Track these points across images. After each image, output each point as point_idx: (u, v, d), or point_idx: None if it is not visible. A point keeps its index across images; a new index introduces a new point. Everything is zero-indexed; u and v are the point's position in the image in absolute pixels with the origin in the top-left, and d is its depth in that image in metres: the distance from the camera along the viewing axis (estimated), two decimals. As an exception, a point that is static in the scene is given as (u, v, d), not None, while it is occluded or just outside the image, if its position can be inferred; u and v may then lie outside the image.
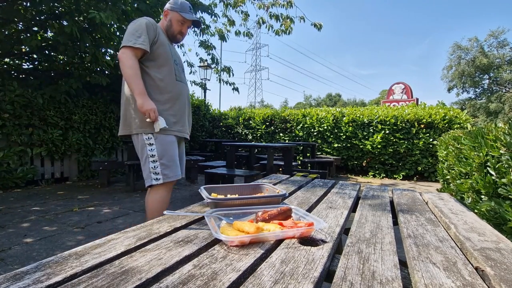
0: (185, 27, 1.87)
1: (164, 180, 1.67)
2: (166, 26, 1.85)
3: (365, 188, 1.64)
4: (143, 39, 1.64)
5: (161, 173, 1.67)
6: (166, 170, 1.68)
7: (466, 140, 1.98)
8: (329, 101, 58.53)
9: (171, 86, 1.77)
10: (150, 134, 1.67)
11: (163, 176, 1.67)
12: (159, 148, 1.67)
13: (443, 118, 5.51)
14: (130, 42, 1.61)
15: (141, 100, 1.59)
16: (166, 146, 1.70)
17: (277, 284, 0.53)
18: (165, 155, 1.69)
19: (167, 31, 1.85)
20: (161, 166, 1.67)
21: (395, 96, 12.43)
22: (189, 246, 0.70)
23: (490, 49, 26.52)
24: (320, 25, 5.28)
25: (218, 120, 8.39)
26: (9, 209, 2.99)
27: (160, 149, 1.68)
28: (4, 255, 1.91)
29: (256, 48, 48.78)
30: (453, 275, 0.60)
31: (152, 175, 1.67)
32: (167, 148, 1.70)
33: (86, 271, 0.57)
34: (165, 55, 1.76)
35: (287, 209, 0.89)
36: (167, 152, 1.70)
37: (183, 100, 1.85)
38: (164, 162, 1.68)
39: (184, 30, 1.88)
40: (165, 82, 1.75)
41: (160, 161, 1.67)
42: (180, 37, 1.89)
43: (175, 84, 1.80)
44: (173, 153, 1.74)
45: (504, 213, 1.32)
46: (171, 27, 1.84)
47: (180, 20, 1.83)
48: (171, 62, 1.79)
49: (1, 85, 3.86)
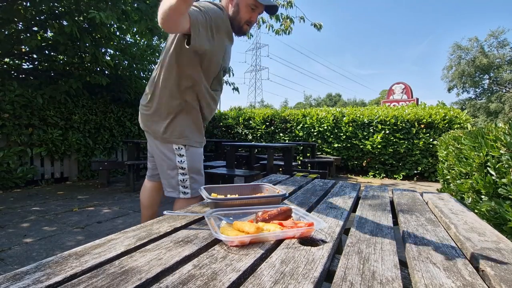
0: (256, 14, 1.43)
1: (193, 194, 1.52)
2: (232, 14, 1.41)
3: (365, 188, 1.64)
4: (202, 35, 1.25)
5: (190, 187, 1.52)
6: (195, 184, 1.53)
7: (466, 140, 1.98)
8: (329, 101, 58.55)
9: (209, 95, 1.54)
10: (180, 145, 1.49)
11: (191, 191, 1.52)
12: (190, 161, 1.51)
13: (443, 118, 5.51)
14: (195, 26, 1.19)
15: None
16: (196, 159, 1.54)
17: (277, 284, 0.53)
18: (194, 169, 1.53)
19: (232, 21, 1.43)
20: (190, 180, 1.51)
21: (395, 96, 12.42)
22: (189, 246, 0.70)
23: (490, 49, 26.55)
24: (320, 25, 5.28)
25: (218, 120, 8.39)
26: (9, 209, 2.99)
27: (190, 162, 1.51)
28: (4, 255, 1.91)
29: (256, 48, 48.80)
30: (453, 275, 0.60)
31: (181, 188, 1.52)
32: (197, 160, 1.55)
33: (86, 271, 0.57)
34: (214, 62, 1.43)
35: (287, 209, 0.89)
36: (197, 165, 1.55)
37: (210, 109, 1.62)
38: (193, 176, 1.53)
39: (254, 18, 1.44)
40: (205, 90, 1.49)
41: (190, 174, 1.51)
42: (247, 27, 1.46)
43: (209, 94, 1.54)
44: (201, 166, 1.59)
45: (504, 213, 1.32)
46: (238, 15, 1.40)
47: (251, 3, 1.37)
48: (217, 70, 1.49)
49: (1, 85, 3.86)
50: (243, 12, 1.40)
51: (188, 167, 1.51)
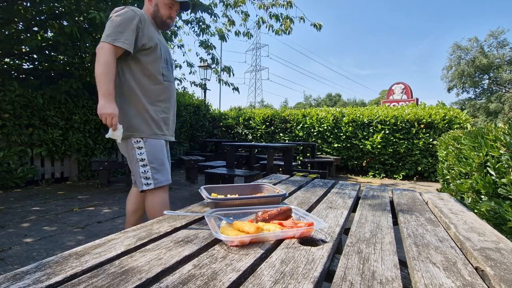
0: (174, 11, 1.70)
1: (156, 185, 1.60)
2: (152, 13, 1.67)
3: (365, 188, 1.64)
4: (126, 36, 1.48)
5: (152, 177, 1.59)
6: (157, 174, 1.61)
7: (466, 140, 1.98)
8: (329, 101, 58.54)
9: (158, 87, 1.65)
10: (139, 138, 1.59)
11: (154, 181, 1.60)
12: (149, 152, 1.59)
13: (443, 118, 5.52)
14: (110, 38, 1.45)
15: (103, 102, 1.42)
16: (156, 149, 1.62)
17: (277, 284, 0.53)
18: (155, 159, 1.61)
19: (154, 18, 1.68)
20: (151, 170, 1.59)
21: (395, 96, 12.42)
22: (189, 246, 0.70)
23: (490, 49, 26.55)
24: (320, 25, 5.28)
25: (218, 120, 8.38)
26: (9, 209, 2.99)
27: (150, 153, 1.60)
28: (4, 255, 1.91)
29: (256, 48, 48.79)
30: (453, 275, 0.60)
31: (143, 180, 1.59)
32: (157, 151, 1.62)
33: (86, 271, 0.57)
34: (153, 53, 1.61)
35: (287, 209, 0.89)
36: (157, 156, 1.62)
37: (171, 102, 1.74)
38: (155, 166, 1.60)
39: (173, 14, 1.70)
40: (152, 83, 1.62)
41: (151, 165, 1.59)
42: (170, 22, 1.71)
43: (162, 85, 1.67)
44: (163, 156, 1.66)
45: (504, 213, 1.32)
46: (159, 13, 1.66)
47: (168, 3, 1.65)
48: (159, 61, 1.65)
49: (1, 85, 3.86)
50: (162, 10, 1.66)
51: (147, 158, 1.58)
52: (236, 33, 6.07)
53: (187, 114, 7.41)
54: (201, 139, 7.84)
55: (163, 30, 1.78)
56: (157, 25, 1.71)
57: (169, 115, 1.74)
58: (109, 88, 1.45)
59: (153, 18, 1.68)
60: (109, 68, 1.45)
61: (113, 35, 1.46)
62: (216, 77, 6.79)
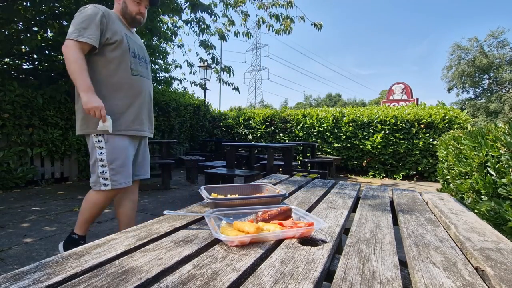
0: (143, 6, 1.72)
1: (113, 186, 1.57)
2: (121, 10, 1.70)
3: (365, 188, 1.64)
4: (90, 31, 1.49)
5: (110, 179, 1.56)
6: (115, 176, 1.57)
7: (466, 140, 1.98)
8: (329, 101, 58.53)
9: (125, 81, 1.63)
10: (100, 136, 1.56)
11: (111, 182, 1.57)
12: (109, 152, 1.56)
13: (443, 118, 5.52)
14: (74, 34, 1.46)
15: (86, 97, 1.43)
16: (117, 150, 1.59)
17: (277, 284, 0.53)
18: (115, 160, 1.57)
19: (124, 16, 1.70)
20: (110, 171, 1.56)
21: (395, 96, 12.42)
22: (189, 246, 0.70)
23: (490, 49, 26.54)
24: (320, 24, 5.28)
25: (218, 120, 8.39)
26: (9, 209, 2.99)
27: (110, 153, 1.56)
28: (4, 255, 1.91)
29: (256, 48, 48.79)
30: (453, 275, 0.60)
31: (101, 180, 1.57)
32: (118, 152, 1.59)
33: (86, 271, 0.57)
34: (118, 47, 1.60)
35: (287, 209, 0.89)
36: (118, 157, 1.58)
37: (142, 97, 1.71)
38: (114, 167, 1.57)
39: (142, 9, 1.72)
40: (118, 77, 1.61)
41: (110, 166, 1.56)
42: (140, 17, 1.73)
43: (131, 79, 1.65)
44: (125, 158, 1.61)
45: (504, 213, 1.32)
46: (127, 9, 1.68)
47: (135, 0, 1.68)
48: (126, 55, 1.63)
49: (1, 85, 3.86)
50: (130, 6, 1.68)
51: (107, 159, 1.56)
52: (235, 33, 6.07)
53: (187, 114, 7.41)
54: (201, 139, 7.84)
55: (134, 27, 1.79)
56: (128, 23, 1.73)
57: (141, 110, 1.70)
58: (88, 82, 1.46)
59: (123, 16, 1.71)
60: (80, 64, 1.45)
61: (77, 32, 1.47)
62: (216, 77, 6.79)
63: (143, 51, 1.81)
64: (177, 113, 7.01)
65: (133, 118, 1.67)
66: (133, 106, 1.66)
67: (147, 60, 1.83)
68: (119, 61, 1.61)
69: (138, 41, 1.81)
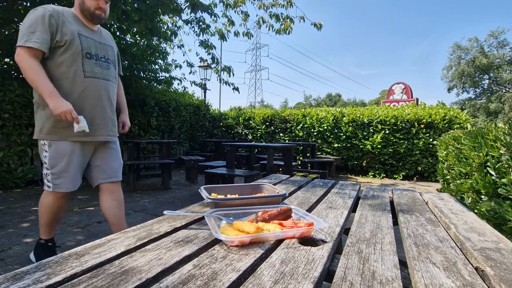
0: (102, 1, 1.64)
1: (54, 189, 1.60)
2: (79, 6, 1.62)
3: (365, 188, 1.64)
4: (38, 35, 1.43)
5: (52, 182, 1.59)
6: (56, 180, 1.59)
7: (466, 140, 1.98)
8: (329, 101, 58.53)
9: (77, 85, 1.57)
10: (44, 140, 1.57)
11: (53, 185, 1.59)
12: (50, 157, 1.57)
13: (443, 118, 5.52)
14: (22, 40, 1.42)
15: (53, 103, 1.42)
16: (59, 155, 1.58)
17: (277, 284, 0.53)
18: (56, 166, 1.57)
19: (82, 12, 1.63)
20: (51, 175, 1.58)
21: (395, 96, 12.42)
22: (189, 246, 0.70)
23: (490, 49, 26.53)
24: (320, 24, 5.28)
25: (218, 120, 8.39)
26: (9, 209, 2.99)
27: (51, 158, 1.57)
28: (4, 255, 1.91)
29: (256, 48, 48.78)
30: (453, 275, 0.60)
31: (45, 181, 1.61)
32: (59, 157, 1.58)
33: (86, 271, 0.57)
34: (69, 48, 1.53)
35: (287, 209, 0.89)
36: (58, 163, 1.57)
37: (96, 100, 1.65)
38: (54, 172, 1.58)
39: (101, 4, 1.64)
40: (69, 80, 1.55)
41: (50, 170, 1.58)
42: (100, 13, 1.65)
43: (83, 82, 1.59)
44: (67, 164, 1.59)
45: (504, 213, 1.32)
46: (84, 5, 1.61)
47: None
48: (78, 57, 1.57)
49: (1, 85, 3.86)
50: (88, 1, 1.61)
51: (48, 163, 1.58)
52: (235, 33, 6.07)
53: (187, 114, 7.41)
54: (201, 139, 7.84)
55: (96, 23, 1.71)
56: (88, 20, 1.66)
57: (94, 114, 1.65)
58: (50, 87, 1.44)
59: (81, 12, 1.64)
60: (37, 70, 1.43)
61: (25, 37, 1.43)
62: (216, 77, 6.79)
63: (104, 49, 1.73)
64: (177, 113, 7.01)
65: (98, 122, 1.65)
66: (85, 111, 1.60)
67: (109, 59, 1.75)
68: (70, 63, 1.56)
69: (101, 39, 1.73)
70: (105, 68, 1.71)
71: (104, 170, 1.78)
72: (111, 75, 1.76)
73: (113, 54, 1.81)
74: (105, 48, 1.74)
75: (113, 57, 1.80)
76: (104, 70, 1.70)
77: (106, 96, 1.71)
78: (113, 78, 1.78)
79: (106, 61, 1.73)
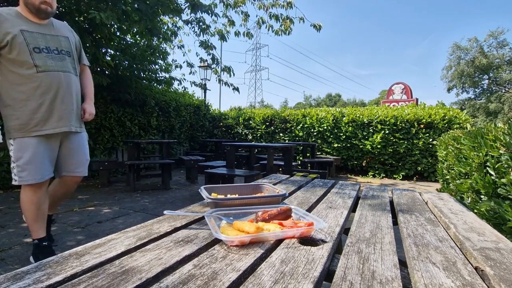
0: None
1: (20, 182, 1.64)
2: (23, 2, 1.61)
3: (365, 188, 1.64)
4: None
5: (17, 175, 1.64)
6: (21, 173, 1.63)
7: (466, 140, 1.99)
8: (329, 101, 58.53)
9: (31, 81, 1.59)
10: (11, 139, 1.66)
11: (18, 178, 1.64)
12: (15, 151, 1.63)
13: (442, 118, 5.52)
14: None
15: None
16: (23, 149, 1.63)
17: (277, 284, 0.53)
18: (20, 158, 1.63)
19: (27, 6, 1.61)
20: (16, 168, 1.64)
21: (395, 96, 12.42)
22: (189, 246, 0.70)
23: (489, 49, 26.53)
24: (320, 26, 5.28)
25: (218, 120, 8.39)
26: (10, 209, 2.99)
27: (15, 152, 1.63)
28: (5, 255, 1.91)
29: (256, 48, 48.77)
30: (453, 275, 0.60)
31: (13, 175, 1.67)
32: (23, 151, 1.63)
33: (87, 271, 0.57)
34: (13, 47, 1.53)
35: (287, 209, 0.89)
36: (22, 156, 1.63)
37: (54, 93, 1.65)
38: (19, 165, 1.63)
39: None
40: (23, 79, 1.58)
41: (16, 163, 1.64)
42: (45, 6, 1.62)
43: (37, 77, 1.59)
44: (30, 156, 1.63)
45: (504, 213, 1.32)
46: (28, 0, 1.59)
47: None
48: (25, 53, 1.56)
49: None
50: None
51: (13, 157, 1.65)
52: (236, 34, 6.07)
53: (187, 114, 7.41)
54: (201, 139, 7.85)
55: (43, 18, 1.68)
56: (34, 14, 1.64)
57: (54, 107, 1.67)
58: None
59: (26, 7, 1.62)
60: None
61: None
62: (216, 77, 6.79)
63: (57, 41, 1.71)
64: (177, 113, 7.01)
65: (46, 117, 1.65)
66: (44, 105, 1.63)
67: (63, 50, 1.73)
68: (19, 61, 1.56)
69: (51, 31, 1.71)
70: (59, 60, 1.69)
71: (71, 162, 1.83)
72: (68, 66, 1.74)
73: (69, 45, 1.78)
74: (57, 40, 1.71)
75: (68, 47, 1.77)
76: (58, 62, 1.68)
77: (65, 87, 1.70)
78: (71, 69, 1.77)
79: (60, 52, 1.71)
